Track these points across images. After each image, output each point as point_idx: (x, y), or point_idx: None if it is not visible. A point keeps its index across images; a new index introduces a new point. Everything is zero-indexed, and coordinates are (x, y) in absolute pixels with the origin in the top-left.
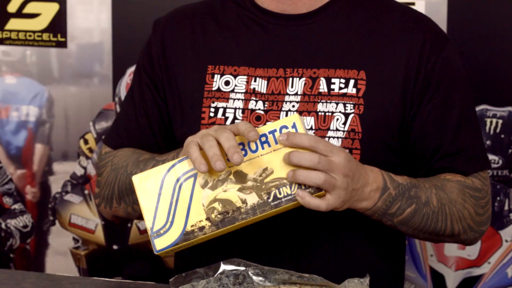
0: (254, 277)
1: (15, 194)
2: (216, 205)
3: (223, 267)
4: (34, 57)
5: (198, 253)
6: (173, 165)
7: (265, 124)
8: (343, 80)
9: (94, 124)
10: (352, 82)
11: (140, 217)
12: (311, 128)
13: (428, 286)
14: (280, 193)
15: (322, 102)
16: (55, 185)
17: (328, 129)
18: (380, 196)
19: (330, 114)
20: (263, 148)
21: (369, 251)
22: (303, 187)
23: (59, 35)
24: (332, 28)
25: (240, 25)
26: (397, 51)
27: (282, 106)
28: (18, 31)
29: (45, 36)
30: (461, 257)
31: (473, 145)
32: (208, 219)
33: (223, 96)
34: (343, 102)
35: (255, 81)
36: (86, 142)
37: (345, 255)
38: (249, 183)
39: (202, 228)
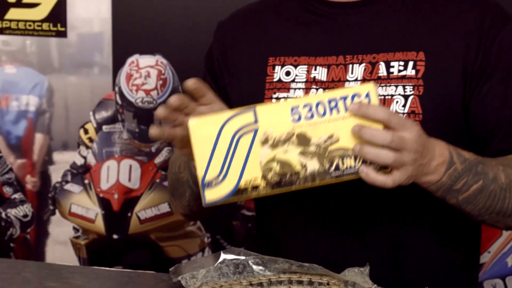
0: (254, 266)
1: (15, 184)
2: (274, 165)
3: (223, 256)
4: (34, 47)
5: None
6: (233, 115)
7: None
8: (402, 63)
9: (94, 114)
10: (411, 63)
11: (193, 210)
12: None
13: None
14: (343, 164)
15: (382, 86)
16: (55, 175)
17: None
18: (446, 171)
19: (389, 97)
20: (331, 113)
21: (434, 242)
22: (367, 162)
23: (59, 25)
24: (389, 12)
25: (298, 16)
26: (456, 30)
27: None
28: (18, 20)
29: (45, 26)
30: None
31: None
32: (263, 178)
33: (284, 86)
34: (402, 84)
35: (315, 69)
36: (86, 131)
37: (407, 246)
38: (312, 148)
39: (256, 187)
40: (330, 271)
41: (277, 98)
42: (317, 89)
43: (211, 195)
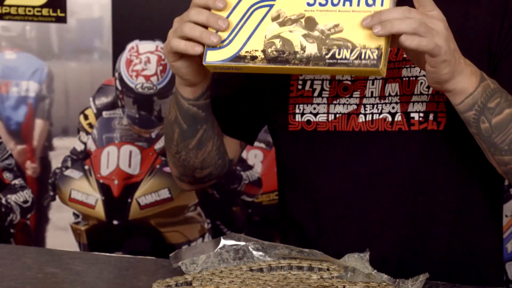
0: (254, 252)
1: (15, 170)
2: (276, 41)
3: (223, 242)
4: (34, 33)
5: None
6: None
7: None
8: None
9: (94, 100)
10: None
11: (184, 164)
12: (396, 95)
13: None
14: (339, 54)
15: (406, 68)
16: (55, 161)
17: (412, 93)
18: (480, 82)
19: (414, 78)
20: (344, 4)
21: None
22: (362, 57)
23: (58, 10)
24: None
25: None
26: (481, 6)
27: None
28: (18, 6)
29: (45, 11)
30: None
31: None
32: (263, 51)
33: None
34: None
35: None
36: (86, 117)
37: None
38: (315, 33)
39: (254, 58)
40: (330, 257)
41: (304, 80)
42: None
43: (212, 56)
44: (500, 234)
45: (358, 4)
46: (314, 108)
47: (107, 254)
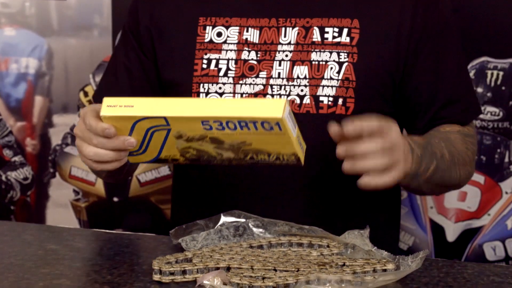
0: (254, 229)
1: (15, 147)
2: (191, 150)
3: (223, 219)
4: (33, 9)
5: (196, 206)
6: (144, 118)
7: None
8: (336, 29)
9: (94, 77)
10: (345, 30)
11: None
12: (304, 77)
13: (428, 238)
14: (257, 157)
15: (316, 51)
16: (55, 137)
17: (322, 78)
18: (412, 158)
19: (324, 63)
20: (242, 129)
21: (364, 204)
22: (282, 159)
23: None
24: None
25: None
26: (391, 1)
27: (275, 56)
28: None
29: None
30: (461, 209)
31: (468, 94)
32: (182, 155)
33: (216, 47)
34: (336, 51)
35: (247, 31)
36: (86, 94)
37: (343, 209)
38: (226, 146)
39: (175, 160)
40: (330, 234)
41: (208, 59)
42: (249, 51)
43: (134, 160)
44: (397, 210)
45: (256, 129)
46: (220, 88)
47: (107, 231)
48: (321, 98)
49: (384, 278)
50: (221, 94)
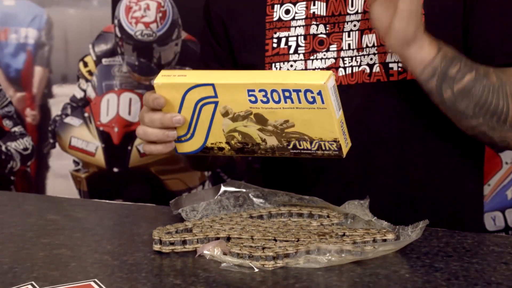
0: (255, 199)
1: (15, 117)
2: (236, 134)
3: (224, 189)
4: None
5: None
6: (196, 86)
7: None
8: None
9: (93, 47)
10: None
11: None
12: (373, 46)
13: None
14: (300, 145)
15: None
16: (55, 108)
17: None
18: (438, 51)
19: None
20: (285, 102)
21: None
22: (324, 148)
23: None
24: None
25: None
26: None
27: (343, 27)
28: None
29: None
30: None
31: None
32: (228, 143)
33: (285, 25)
34: None
35: (314, 5)
36: (85, 64)
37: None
38: (269, 127)
39: (221, 149)
40: (330, 204)
41: (278, 38)
42: (317, 25)
43: (181, 148)
44: (481, 180)
45: (300, 101)
46: (291, 66)
47: (107, 201)
48: (390, 65)
49: (384, 248)
50: None
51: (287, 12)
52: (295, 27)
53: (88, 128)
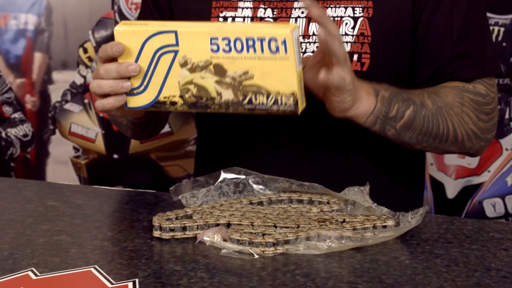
0: (255, 186)
1: (15, 103)
2: (191, 87)
3: (224, 175)
4: None
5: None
6: (156, 33)
7: (256, 21)
8: None
9: (93, 33)
10: None
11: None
12: (313, 34)
13: (428, 195)
14: (256, 99)
15: (331, 7)
16: (55, 94)
17: None
18: (376, 98)
19: (339, 18)
20: (248, 51)
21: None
22: (280, 103)
23: None
24: None
25: None
26: None
27: (291, 13)
28: None
29: None
30: (461, 166)
31: (479, 50)
32: (181, 97)
33: (232, 5)
34: (351, 6)
35: None
36: (85, 51)
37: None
38: (227, 79)
39: (174, 103)
40: (330, 190)
41: (224, 17)
42: (265, 9)
43: (132, 103)
44: (422, 174)
45: (262, 51)
46: None
47: (108, 187)
48: None
49: (384, 234)
50: None
51: None
52: (243, 8)
53: (88, 114)
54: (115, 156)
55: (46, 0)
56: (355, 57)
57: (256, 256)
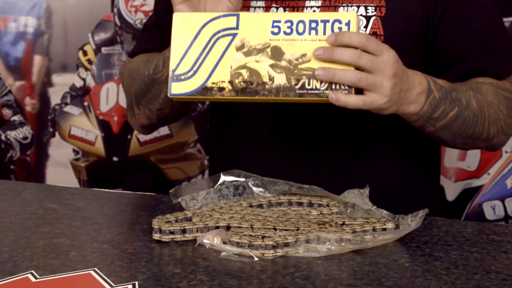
0: (254, 188)
1: (15, 106)
2: (243, 71)
3: (223, 178)
4: None
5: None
6: (217, 17)
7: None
8: None
9: (93, 35)
10: None
11: (161, 116)
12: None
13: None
14: (309, 84)
15: (343, 6)
16: (55, 97)
17: None
18: (426, 99)
19: None
20: (309, 33)
21: (398, 161)
22: (334, 86)
23: None
24: None
25: None
26: None
27: (303, 12)
28: None
29: None
30: (461, 168)
31: (504, 48)
32: (230, 82)
33: (244, 4)
34: (364, 4)
35: None
36: (85, 53)
37: (370, 165)
38: (283, 63)
39: (221, 89)
40: (330, 193)
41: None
42: (277, 8)
43: (177, 88)
44: (437, 168)
45: (324, 33)
46: None
47: (107, 190)
48: None
49: (384, 237)
50: None
51: None
52: (255, 7)
53: (88, 117)
54: (115, 158)
55: (46, 3)
56: None
57: (256, 259)
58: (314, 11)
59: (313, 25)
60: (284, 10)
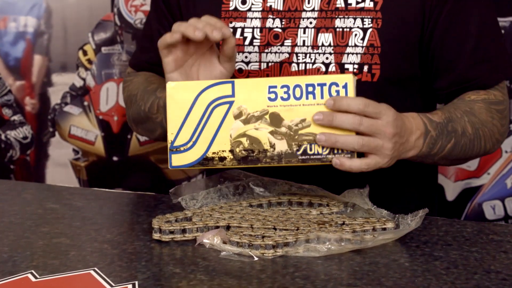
0: (254, 188)
1: (15, 106)
2: (243, 140)
3: (223, 178)
4: None
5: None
6: (212, 85)
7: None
8: None
9: (92, 35)
10: None
11: (159, 140)
12: (329, 45)
13: None
14: (310, 150)
15: (340, 18)
16: (54, 97)
17: (347, 45)
18: (424, 141)
19: (348, 30)
20: (307, 98)
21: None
22: (336, 151)
23: None
24: None
25: None
26: None
27: (299, 23)
28: None
29: None
30: (461, 168)
31: (495, 55)
32: (231, 151)
33: (241, 15)
34: (360, 17)
35: None
36: (85, 53)
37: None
38: (283, 129)
39: (222, 159)
40: (330, 193)
41: (233, 28)
42: (273, 19)
43: (178, 161)
44: (434, 172)
45: (322, 97)
46: (246, 57)
47: (107, 190)
48: (346, 66)
49: (384, 236)
50: (247, 63)
51: (244, 2)
52: (251, 18)
53: (88, 116)
54: (115, 158)
55: (46, 3)
56: (365, 68)
57: (256, 259)
58: (310, 22)
59: (310, 89)
60: (281, 21)
